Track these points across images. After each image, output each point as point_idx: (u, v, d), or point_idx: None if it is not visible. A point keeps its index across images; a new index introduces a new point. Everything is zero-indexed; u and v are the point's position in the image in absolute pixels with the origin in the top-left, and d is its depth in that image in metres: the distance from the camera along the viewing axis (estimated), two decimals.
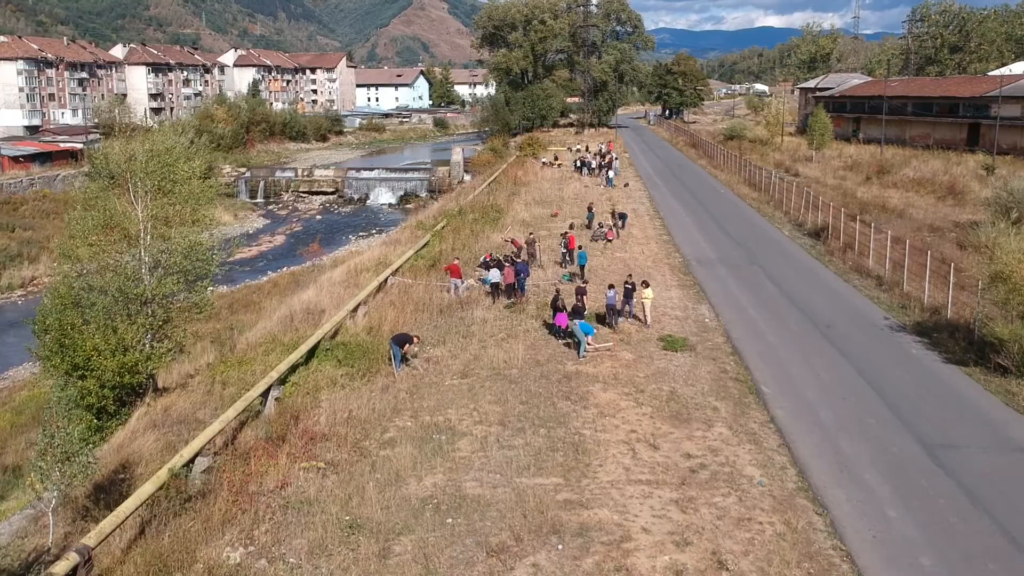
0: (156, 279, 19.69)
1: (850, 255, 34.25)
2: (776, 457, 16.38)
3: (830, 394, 19.65)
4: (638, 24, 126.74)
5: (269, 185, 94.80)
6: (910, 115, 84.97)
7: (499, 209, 44.35)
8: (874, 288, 29.76)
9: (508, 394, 19.46)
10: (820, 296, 28.77)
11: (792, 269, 32.98)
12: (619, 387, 19.93)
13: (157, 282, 19.63)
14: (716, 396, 19.46)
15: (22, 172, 77.56)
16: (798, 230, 41.75)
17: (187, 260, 19.80)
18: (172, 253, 19.80)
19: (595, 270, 31.77)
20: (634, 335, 24.15)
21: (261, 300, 46.43)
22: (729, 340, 23.81)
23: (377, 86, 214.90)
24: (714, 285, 30.36)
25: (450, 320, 25.70)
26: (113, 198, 19.70)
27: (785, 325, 25.27)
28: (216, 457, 16.25)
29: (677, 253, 36.19)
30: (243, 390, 19.92)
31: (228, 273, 59.50)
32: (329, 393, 19.79)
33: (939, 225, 42.50)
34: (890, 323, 25.49)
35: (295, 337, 23.73)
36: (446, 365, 21.62)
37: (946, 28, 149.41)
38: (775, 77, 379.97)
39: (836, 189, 56.31)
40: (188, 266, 19.90)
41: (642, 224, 43.23)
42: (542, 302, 27.16)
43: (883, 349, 22.95)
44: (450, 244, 36.14)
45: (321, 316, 26.82)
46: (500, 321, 25.38)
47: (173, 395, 20.65)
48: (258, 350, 23.32)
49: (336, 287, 30.27)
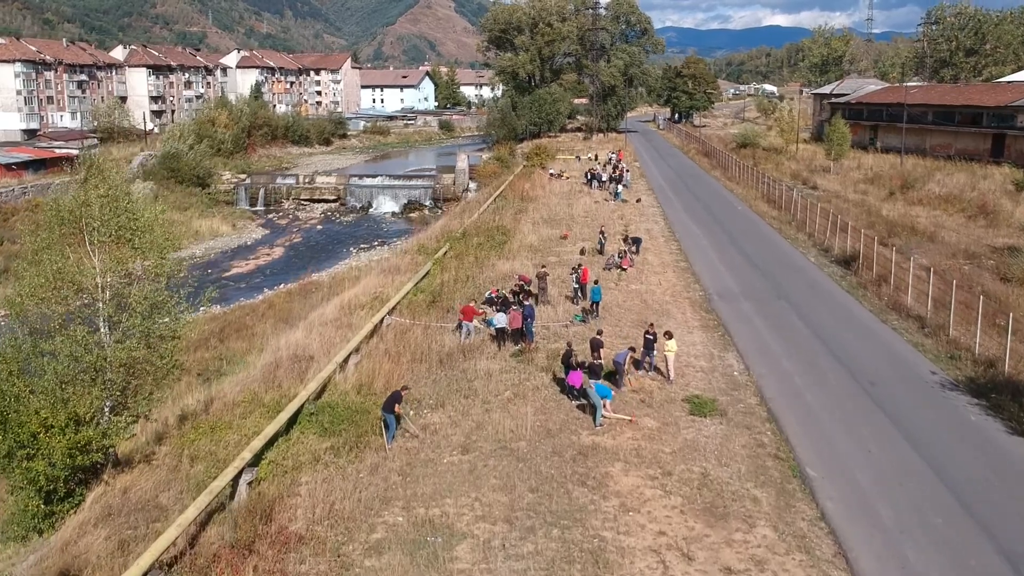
0: (115, 341, 17.21)
1: (885, 289, 31.64)
2: (833, 573, 13.84)
3: (885, 478, 17.08)
4: (648, 27, 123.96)
5: (269, 193, 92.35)
6: (930, 124, 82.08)
7: (505, 231, 41.81)
8: (916, 332, 27.14)
9: (515, 477, 16.96)
10: (858, 341, 26.16)
11: (824, 306, 30.35)
12: (643, 468, 17.40)
13: (116, 345, 17.15)
14: (755, 481, 16.92)
15: (14, 180, 75.27)
16: (824, 256, 39.12)
17: (149, 320, 17.29)
18: (133, 312, 17.30)
19: (610, 307, 29.24)
20: (656, 394, 21.61)
21: (254, 324, 44.03)
22: (763, 401, 21.25)
23: (382, 87, 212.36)
24: (740, 326, 27.78)
25: (451, 373, 23.19)
26: (67, 250, 17.22)
27: (823, 381, 22.69)
28: (170, 572, 13.77)
29: (697, 284, 33.60)
30: (213, 467, 17.50)
31: (223, 291, 57.77)
32: (311, 473, 17.34)
33: (974, 251, 39.90)
34: (940, 379, 22.88)
35: (277, 395, 21.26)
36: (445, 436, 19.10)
37: (961, 31, 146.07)
38: (783, 77, 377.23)
39: (859, 206, 53.68)
40: (151, 326, 17.38)
41: (657, 248, 40.66)
42: (552, 349, 24.68)
43: (937, 415, 20.35)
44: (453, 274, 33.65)
45: (309, 364, 24.36)
46: (506, 374, 22.87)
47: (135, 471, 18.17)
48: (235, 411, 20.84)
49: (327, 327, 27.76)
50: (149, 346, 17.73)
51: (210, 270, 62.86)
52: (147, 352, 17.77)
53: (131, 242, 17.58)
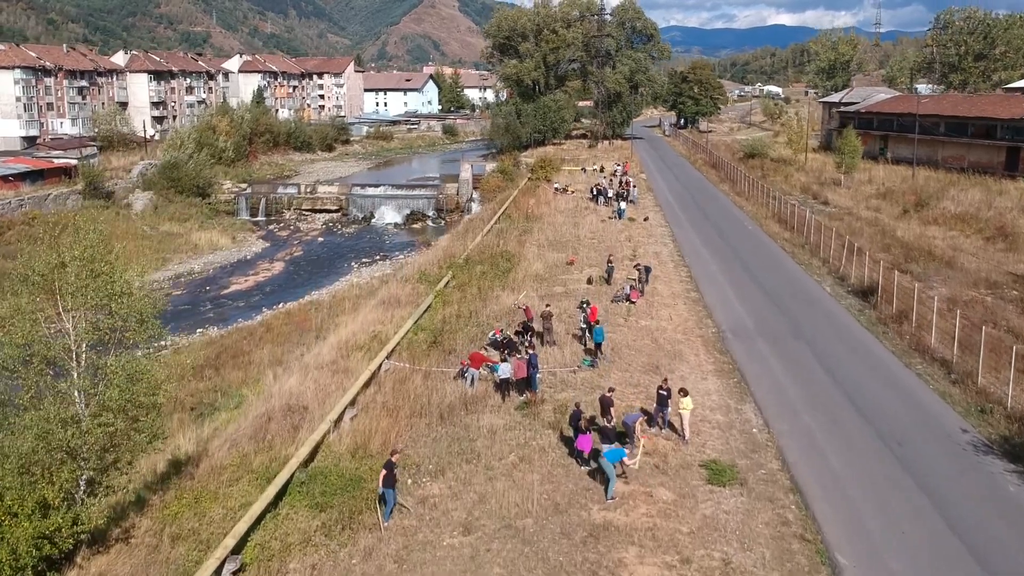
0: (90, 415, 15.93)
1: (907, 327, 30.25)
2: None
3: (922, 567, 15.74)
4: (654, 33, 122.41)
5: (271, 202, 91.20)
6: (942, 135, 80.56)
7: (509, 257, 40.47)
8: (942, 378, 25.76)
9: (521, 565, 15.67)
10: (882, 390, 24.79)
11: (843, 346, 28.95)
12: (659, 553, 16.08)
13: (91, 419, 15.87)
14: (781, 570, 15.60)
15: (11, 192, 74.06)
16: (840, 285, 37.74)
17: (127, 392, 15.98)
18: (109, 384, 16.01)
19: (619, 348, 27.92)
20: (671, 457, 20.28)
21: (251, 350, 42.83)
22: (785, 466, 19.90)
23: (385, 91, 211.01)
24: (756, 371, 26.43)
25: (452, 430, 21.87)
26: (39, 318, 15.94)
27: (848, 440, 21.33)
28: None
29: (709, 319, 32.24)
30: (195, 549, 16.26)
31: (221, 311, 56.47)
32: (300, 558, 16.05)
33: (996, 279, 38.47)
34: (972, 438, 21.50)
35: (267, 459, 19.98)
36: (445, 511, 17.78)
37: (970, 35, 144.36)
38: (788, 78, 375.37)
39: (872, 225, 52.31)
40: (130, 397, 16.06)
41: (667, 275, 39.32)
42: (559, 401, 23.40)
43: (973, 485, 18.97)
44: (455, 308, 32.33)
45: (303, 416, 23.10)
46: (511, 432, 21.56)
47: (112, 552, 16.87)
48: (222, 477, 19.56)
49: (323, 371, 26.46)
50: (129, 417, 16.43)
51: (208, 287, 61.65)
52: (127, 424, 16.47)
53: (108, 307, 16.28)
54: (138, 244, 70.53)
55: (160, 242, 73.06)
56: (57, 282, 16.05)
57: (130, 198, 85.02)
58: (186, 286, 62.41)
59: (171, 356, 44.89)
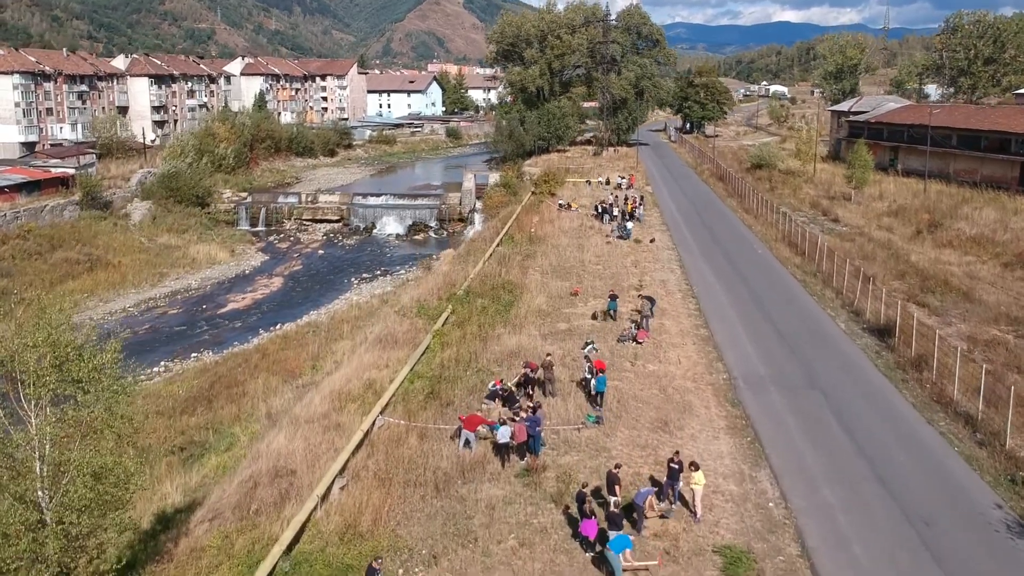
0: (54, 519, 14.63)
1: (927, 374, 28.86)
2: None
3: None
4: (660, 38, 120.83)
5: (271, 212, 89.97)
6: (954, 147, 78.95)
7: (512, 288, 39.10)
8: (967, 439, 24.38)
9: None
10: (904, 455, 23.38)
11: (862, 398, 27.52)
12: None
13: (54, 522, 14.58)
14: None
15: (6, 205, 72.75)
16: (855, 320, 36.32)
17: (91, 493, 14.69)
18: (73, 482, 14.72)
19: (626, 401, 26.58)
20: (682, 540, 18.94)
21: (245, 380, 41.67)
22: (804, 552, 18.55)
23: (389, 92, 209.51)
24: (771, 428, 25.07)
25: (448, 504, 20.54)
26: None
27: (872, 518, 19.97)
28: None
29: (720, 363, 30.85)
30: None
31: (217, 332, 55.17)
32: None
33: (1017, 315, 36.99)
34: (1003, 516, 20.11)
35: (250, 540, 18.69)
36: None
37: (980, 39, 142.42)
38: (794, 76, 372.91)
39: (885, 248, 50.87)
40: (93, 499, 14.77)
41: (674, 307, 37.96)
42: (562, 466, 22.10)
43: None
44: (454, 351, 30.98)
45: (291, 481, 21.83)
46: (511, 506, 20.24)
47: None
48: (202, 562, 18.27)
49: (314, 427, 25.15)
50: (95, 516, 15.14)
51: (205, 305, 60.45)
52: (94, 521, 15.18)
53: (75, 396, 15.00)
54: (134, 259, 69.42)
55: (157, 255, 71.86)
56: (16, 372, 14.74)
57: (128, 208, 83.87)
58: (183, 304, 61.22)
59: (164, 386, 44.30)
